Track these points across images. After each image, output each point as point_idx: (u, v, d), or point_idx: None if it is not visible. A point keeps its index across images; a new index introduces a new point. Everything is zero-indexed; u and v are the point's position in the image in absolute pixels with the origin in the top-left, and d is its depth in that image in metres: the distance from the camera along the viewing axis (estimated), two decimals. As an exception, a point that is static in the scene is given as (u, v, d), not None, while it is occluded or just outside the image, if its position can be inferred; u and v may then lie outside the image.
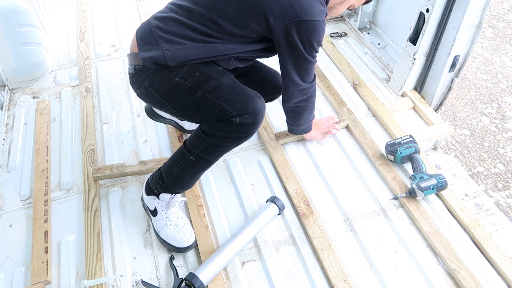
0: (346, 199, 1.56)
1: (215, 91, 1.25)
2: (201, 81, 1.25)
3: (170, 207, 1.40)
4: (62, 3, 2.73)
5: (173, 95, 1.29)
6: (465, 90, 2.74)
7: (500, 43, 3.15)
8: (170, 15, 1.28)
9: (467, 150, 2.34)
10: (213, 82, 1.25)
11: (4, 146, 1.81)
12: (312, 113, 1.59)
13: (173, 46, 1.24)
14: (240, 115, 1.23)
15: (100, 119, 1.91)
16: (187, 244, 1.37)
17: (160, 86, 1.29)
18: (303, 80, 1.37)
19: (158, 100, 1.33)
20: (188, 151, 1.32)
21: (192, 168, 1.35)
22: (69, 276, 1.35)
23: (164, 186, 1.37)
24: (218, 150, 1.32)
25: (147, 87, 1.31)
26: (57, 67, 2.23)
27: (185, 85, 1.25)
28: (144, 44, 1.28)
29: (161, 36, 1.25)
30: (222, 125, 1.25)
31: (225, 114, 1.23)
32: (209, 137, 1.28)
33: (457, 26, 1.69)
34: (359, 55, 2.28)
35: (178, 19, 1.26)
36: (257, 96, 1.28)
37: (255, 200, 1.57)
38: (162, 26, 1.27)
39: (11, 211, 1.56)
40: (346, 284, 1.30)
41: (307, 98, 1.46)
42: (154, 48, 1.25)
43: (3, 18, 1.98)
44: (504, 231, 1.51)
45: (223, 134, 1.26)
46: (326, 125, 1.76)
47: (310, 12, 1.19)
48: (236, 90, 1.27)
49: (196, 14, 1.24)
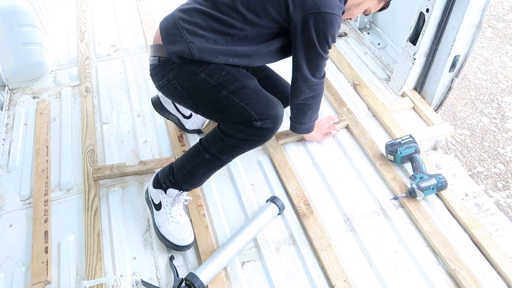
0: (346, 199, 1.56)
1: (239, 93, 1.27)
2: (226, 81, 1.27)
3: (175, 204, 1.40)
4: (62, 3, 2.73)
5: (197, 91, 1.31)
6: (465, 90, 2.74)
7: (500, 43, 3.15)
8: (194, 6, 1.30)
9: (467, 150, 2.34)
10: (238, 83, 1.28)
11: (4, 146, 1.81)
12: (317, 112, 1.59)
13: (197, 38, 1.26)
14: (262, 119, 1.25)
15: (100, 119, 1.91)
16: (185, 243, 1.37)
17: (185, 80, 1.30)
18: (313, 75, 1.38)
19: (180, 94, 1.34)
20: (203, 149, 1.33)
21: (205, 166, 1.35)
22: (69, 276, 1.35)
23: (174, 181, 1.37)
24: (234, 151, 1.34)
25: (171, 80, 1.32)
26: (57, 67, 2.23)
27: (210, 83, 1.27)
28: (168, 36, 1.29)
29: (184, 28, 1.27)
30: (242, 127, 1.27)
31: (247, 117, 1.26)
32: (227, 137, 1.30)
33: (457, 26, 1.69)
34: (359, 55, 2.28)
35: (202, 10, 1.28)
36: (279, 103, 1.31)
37: (255, 200, 1.57)
38: (185, 17, 1.29)
39: (11, 211, 1.56)
40: (346, 284, 1.30)
41: (314, 96, 1.47)
42: (178, 41, 1.26)
43: (3, 18, 1.98)
44: (504, 231, 1.51)
45: (242, 135, 1.28)
46: (327, 126, 1.77)
47: (329, 5, 1.21)
48: (260, 94, 1.30)
49: (220, 3, 1.26)
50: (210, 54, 1.27)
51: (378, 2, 1.38)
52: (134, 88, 2.07)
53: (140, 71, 2.18)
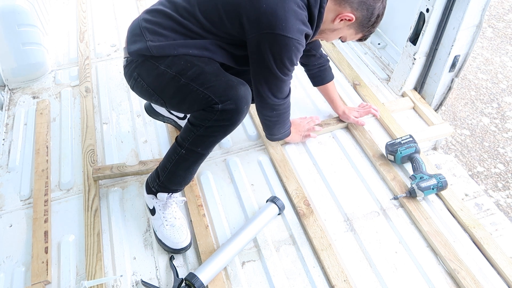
0: (346, 199, 1.56)
1: (198, 78, 1.24)
2: (185, 69, 1.25)
3: (167, 207, 1.40)
4: (62, 3, 2.73)
5: (159, 84, 1.30)
6: (465, 90, 2.74)
7: (500, 43, 3.15)
8: (157, 7, 1.32)
9: (467, 150, 2.34)
10: (197, 69, 1.25)
11: (4, 146, 1.81)
12: (286, 125, 1.59)
13: (157, 37, 1.26)
14: (222, 101, 1.21)
15: (100, 119, 1.91)
16: (181, 246, 1.37)
17: (148, 75, 1.30)
18: (275, 96, 1.37)
19: (146, 91, 1.34)
20: (178, 145, 1.33)
21: (184, 162, 1.34)
22: (69, 276, 1.35)
23: (160, 183, 1.37)
24: (207, 141, 1.31)
25: (136, 78, 1.32)
26: (57, 67, 2.23)
27: (170, 73, 1.25)
28: (131, 37, 1.32)
29: (146, 28, 1.28)
30: (206, 113, 1.24)
31: (208, 101, 1.22)
32: (196, 128, 1.27)
33: (457, 26, 1.69)
34: (359, 55, 2.28)
35: (164, 11, 1.29)
36: (241, 83, 1.26)
37: (255, 200, 1.57)
38: (148, 18, 1.31)
39: (11, 211, 1.56)
40: (346, 284, 1.30)
41: (278, 114, 1.46)
42: (139, 40, 1.28)
43: (3, 18, 1.98)
44: (504, 231, 1.51)
45: (208, 123, 1.25)
46: (306, 128, 1.75)
47: (285, 27, 1.17)
48: (219, 77, 1.25)
49: (181, 8, 1.26)
50: (168, 48, 1.26)
51: (355, 33, 1.35)
52: (134, 88, 2.07)
53: (140, 71, 2.17)
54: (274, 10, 1.16)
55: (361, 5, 1.26)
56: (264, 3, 1.17)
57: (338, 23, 1.30)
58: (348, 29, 1.33)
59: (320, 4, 1.25)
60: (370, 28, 1.34)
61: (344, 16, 1.27)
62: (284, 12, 1.17)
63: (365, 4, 1.26)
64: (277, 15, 1.17)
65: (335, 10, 1.28)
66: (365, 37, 1.39)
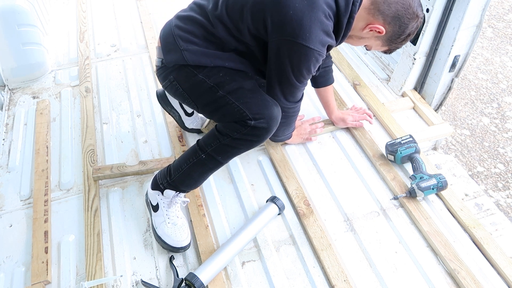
0: (346, 199, 1.56)
1: (235, 93, 1.28)
2: (223, 82, 1.29)
3: (172, 205, 1.40)
4: (62, 3, 2.73)
5: (195, 91, 1.34)
6: (465, 90, 2.74)
7: (500, 43, 3.15)
8: (189, 14, 1.33)
9: (467, 150, 2.34)
10: (235, 84, 1.29)
11: (4, 146, 1.81)
12: (290, 128, 1.60)
13: (190, 45, 1.28)
14: (256, 118, 1.25)
15: (100, 119, 1.91)
16: (181, 244, 1.37)
17: (185, 81, 1.33)
18: (286, 99, 1.37)
19: (181, 94, 1.37)
20: (200, 149, 1.34)
21: (201, 166, 1.35)
22: (69, 276, 1.35)
23: (171, 182, 1.37)
24: (230, 151, 1.34)
25: (172, 81, 1.35)
26: (57, 67, 2.23)
27: (208, 83, 1.29)
28: (165, 44, 1.34)
29: (178, 35, 1.30)
30: (237, 125, 1.27)
31: (242, 116, 1.26)
32: (223, 137, 1.30)
33: (457, 26, 1.69)
34: (359, 55, 2.28)
35: (196, 19, 1.30)
36: (275, 104, 1.31)
37: (255, 200, 1.57)
38: (181, 25, 1.32)
39: (11, 211, 1.56)
40: (346, 284, 1.30)
41: (286, 116, 1.45)
42: (173, 49, 1.30)
43: (3, 18, 1.98)
44: (504, 231, 1.51)
45: (237, 135, 1.28)
46: (308, 131, 1.75)
47: (308, 37, 1.16)
48: (256, 94, 1.30)
49: (210, 14, 1.28)
50: (204, 58, 1.28)
51: (382, 45, 1.33)
52: (134, 88, 2.07)
53: (140, 71, 2.18)
54: (300, 19, 1.14)
55: (395, 20, 1.22)
56: (292, 9, 1.15)
57: (367, 32, 1.27)
58: (376, 40, 1.30)
59: (350, 14, 1.21)
60: (398, 44, 1.31)
61: (374, 28, 1.24)
62: (310, 22, 1.15)
63: (399, 21, 1.22)
64: (302, 25, 1.15)
65: (367, 19, 1.24)
66: (390, 51, 1.36)
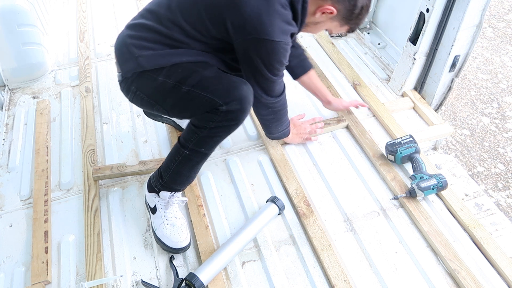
0: (346, 199, 1.56)
1: (199, 84, 1.24)
2: (184, 77, 1.25)
3: (169, 206, 1.40)
4: (62, 3, 2.73)
5: (160, 95, 1.30)
6: (465, 90, 2.74)
7: (500, 43, 3.15)
8: (140, 21, 1.30)
9: (467, 150, 2.34)
10: (196, 75, 1.24)
11: (4, 146, 1.81)
12: (283, 123, 1.57)
13: (144, 51, 1.25)
14: (227, 102, 1.21)
15: (100, 119, 1.91)
16: (180, 245, 1.37)
17: (147, 88, 1.30)
18: (268, 94, 1.36)
19: (148, 102, 1.34)
20: (182, 146, 1.33)
21: (188, 162, 1.35)
22: (69, 276, 1.35)
23: (163, 183, 1.37)
24: (211, 141, 1.32)
25: (135, 91, 1.33)
26: (57, 67, 2.23)
27: (169, 83, 1.25)
28: (120, 55, 1.32)
29: (131, 44, 1.27)
30: (210, 115, 1.24)
31: (212, 105, 1.22)
32: (200, 130, 1.28)
33: (457, 26, 1.69)
34: (359, 55, 2.28)
35: (147, 25, 1.28)
36: (243, 82, 1.26)
37: (255, 200, 1.57)
38: (132, 33, 1.30)
39: (11, 211, 1.56)
40: (346, 284, 1.30)
41: (273, 112, 1.45)
42: (128, 58, 1.28)
43: (3, 18, 1.98)
44: (504, 231, 1.51)
45: (212, 124, 1.25)
46: (308, 130, 1.74)
47: (271, 31, 1.16)
48: (220, 79, 1.26)
49: (164, 18, 1.25)
50: (160, 59, 1.25)
51: (340, 25, 1.32)
52: (134, 88, 2.07)
53: (140, 71, 2.17)
54: (259, 15, 1.15)
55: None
56: (248, 8, 1.15)
57: (320, 16, 1.27)
58: (332, 21, 1.30)
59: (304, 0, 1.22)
60: (355, 20, 1.30)
61: (324, 9, 1.24)
62: (269, 16, 1.15)
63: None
64: (262, 20, 1.15)
65: (316, 3, 1.25)
66: (352, 29, 1.36)
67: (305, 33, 1.42)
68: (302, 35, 2.36)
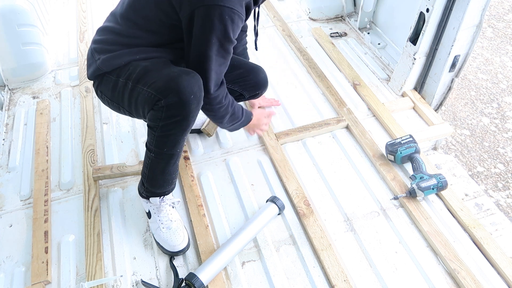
0: (346, 199, 1.56)
1: (142, 78, 1.18)
2: (131, 73, 1.21)
3: (162, 210, 1.39)
4: (62, 3, 2.73)
5: (117, 95, 1.28)
6: (465, 90, 2.74)
7: (500, 43, 3.15)
8: (103, 25, 1.33)
9: (467, 150, 2.34)
10: (141, 70, 1.20)
11: (4, 146, 1.81)
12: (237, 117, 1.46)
13: (103, 54, 1.25)
14: (165, 95, 1.13)
15: (100, 119, 1.91)
16: (178, 248, 1.37)
17: (107, 90, 1.30)
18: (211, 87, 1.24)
19: (112, 105, 1.34)
20: (147, 149, 1.31)
21: (157, 165, 1.32)
22: (69, 276, 1.35)
23: (146, 189, 1.38)
24: (167, 141, 1.24)
25: (101, 95, 1.34)
26: (57, 67, 2.23)
27: (121, 82, 1.23)
28: (87, 61, 1.34)
29: (94, 49, 1.29)
30: (155, 112, 1.18)
31: (153, 100, 1.16)
32: (153, 130, 1.23)
33: (457, 26, 1.69)
34: (359, 55, 2.28)
35: (108, 27, 1.30)
36: (183, 72, 1.16)
37: (255, 200, 1.57)
38: (96, 38, 1.32)
39: (11, 211, 1.56)
40: (346, 284, 1.30)
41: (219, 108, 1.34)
42: (92, 63, 1.29)
43: (3, 18, 1.98)
44: (504, 231, 1.51)
45: (161, 122, 1.19)
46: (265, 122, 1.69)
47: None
48: (161, 72, 1.18)
49: (119, 16, 1.27)
50: (116, 60, 1.23)
51: None
52: (134, 88, 2.07)
53: (140, 71, 2.17)
54: None
55: None
56: None
57: None
58: None
59: None
60: None
61: None
62: None
63: None
64: None
65: None
66: None
67: (304, 32, 1.39)
68: (302, 35, 2.36)
